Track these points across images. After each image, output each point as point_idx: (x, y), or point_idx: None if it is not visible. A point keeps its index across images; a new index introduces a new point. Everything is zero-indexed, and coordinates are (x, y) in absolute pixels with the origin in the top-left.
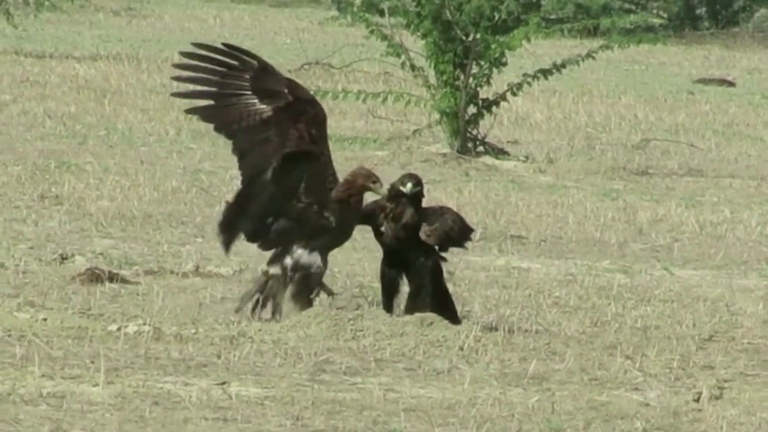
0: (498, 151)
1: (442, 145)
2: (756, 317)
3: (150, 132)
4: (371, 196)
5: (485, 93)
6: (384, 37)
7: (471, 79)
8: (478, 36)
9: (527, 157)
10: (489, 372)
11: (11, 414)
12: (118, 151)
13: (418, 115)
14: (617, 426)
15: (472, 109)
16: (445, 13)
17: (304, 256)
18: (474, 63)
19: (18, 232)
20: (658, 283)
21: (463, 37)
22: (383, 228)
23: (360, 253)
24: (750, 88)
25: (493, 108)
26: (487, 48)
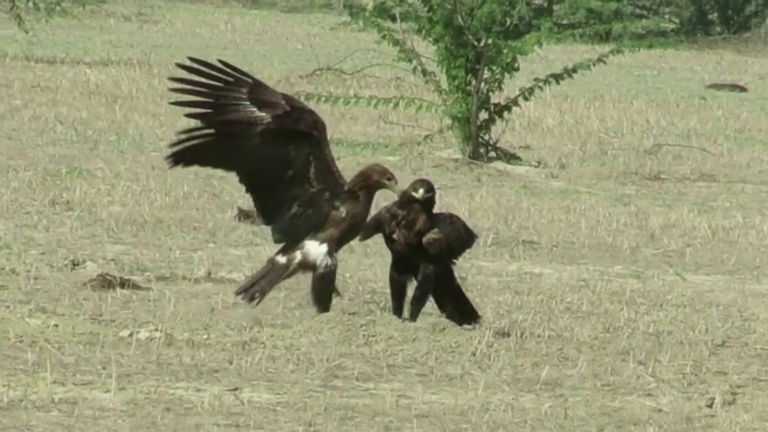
0: (510, 157)
1: (453, 151)
2: None
3: (161, 137)
4: (375, 201)
5: (497, 98)
6: (396, 43)
7: (483, 84)
8: (489, 41)
9: (539, 163)
10: (501, 378)
11: (23, 420)
12: (129, 157)
13: (429, 121)
14: None
15: (483, 115)
16: (457, 19)
17: (312, 250)
18: (486, 68)
19: (29, 237)
20: (670, 289)
21: (475, 43)
22: (395, 235)
23: (372, 259)
24: (762, 93)
25: (505, 113)
26: (499, 53)
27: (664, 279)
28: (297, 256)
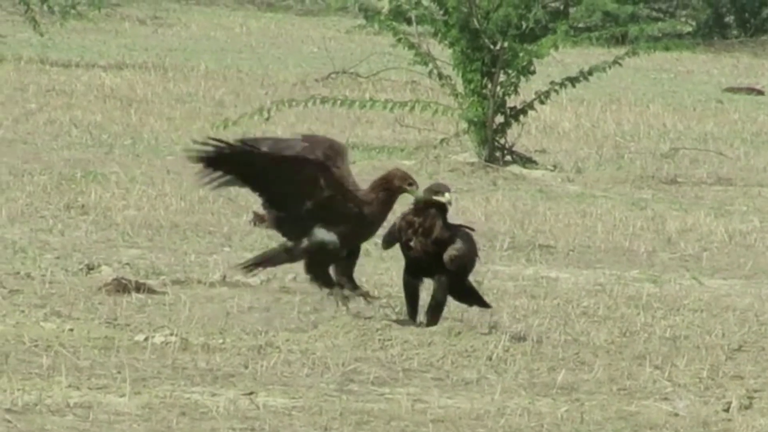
0: (526, 160)
1: (469, 155)
2: None
3: (176, 141)
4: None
5: (513, 102)
6: (411, 46)
7: (498, 88)
8: (505, 44)
9: (555, 166)
10: (517, 382)
11: (38, 425)
12: (144, 161)
13: (445, 124)
14: None
15: (499, 118)
16: (473, 22)
17: (320, 233)
18: (502, 71)
19: (44, 242)
20: (687, 293)
21: (491, 46)
22: (412, 243)
23: (387, 263)
24: None
25: (521, 117)
26: (515, 56)
27: (680, 283)
28: (304, 241)
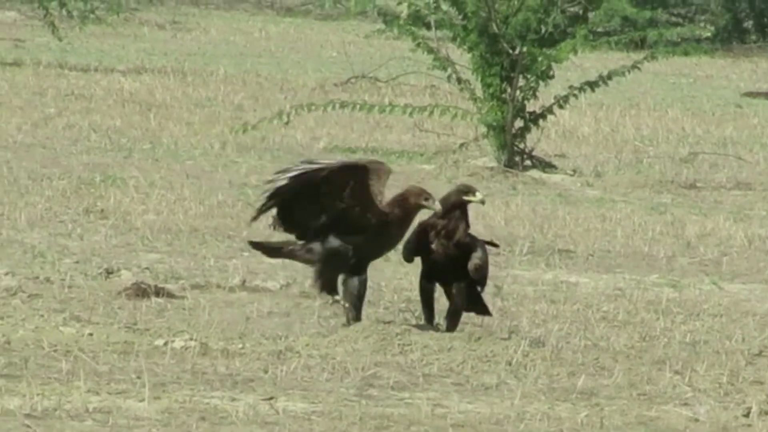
0: (545, 165)
1: (489, 159)
2: None
3: (195, 146)
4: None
5: (532, 106)
6: (430, 51)
7: (518, 93)
8: (524, 49)
9: (575, 171)
10: (537, 387)
11: (57, 429)
12: (163, 165)
13: (464, 129)
14: None
15: (518, 123)
16: (492, 26)
17: (335, 242)
18: (521, 76)
19: (63, 246)
20: (706, 298)
21: (510, 50)
22: (434, 245)
23: (406, 268)
24: None
25: (540, 121)
26: (534, 61)
27: (700, 288)
28: (317, 246)
